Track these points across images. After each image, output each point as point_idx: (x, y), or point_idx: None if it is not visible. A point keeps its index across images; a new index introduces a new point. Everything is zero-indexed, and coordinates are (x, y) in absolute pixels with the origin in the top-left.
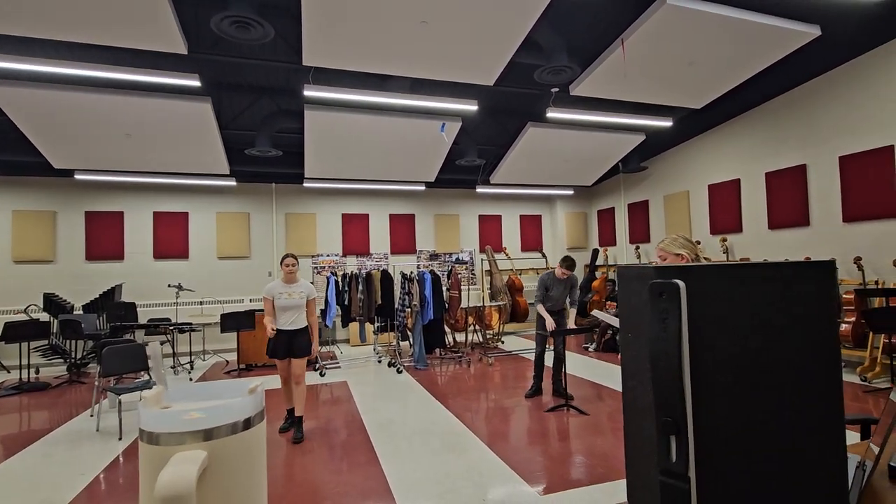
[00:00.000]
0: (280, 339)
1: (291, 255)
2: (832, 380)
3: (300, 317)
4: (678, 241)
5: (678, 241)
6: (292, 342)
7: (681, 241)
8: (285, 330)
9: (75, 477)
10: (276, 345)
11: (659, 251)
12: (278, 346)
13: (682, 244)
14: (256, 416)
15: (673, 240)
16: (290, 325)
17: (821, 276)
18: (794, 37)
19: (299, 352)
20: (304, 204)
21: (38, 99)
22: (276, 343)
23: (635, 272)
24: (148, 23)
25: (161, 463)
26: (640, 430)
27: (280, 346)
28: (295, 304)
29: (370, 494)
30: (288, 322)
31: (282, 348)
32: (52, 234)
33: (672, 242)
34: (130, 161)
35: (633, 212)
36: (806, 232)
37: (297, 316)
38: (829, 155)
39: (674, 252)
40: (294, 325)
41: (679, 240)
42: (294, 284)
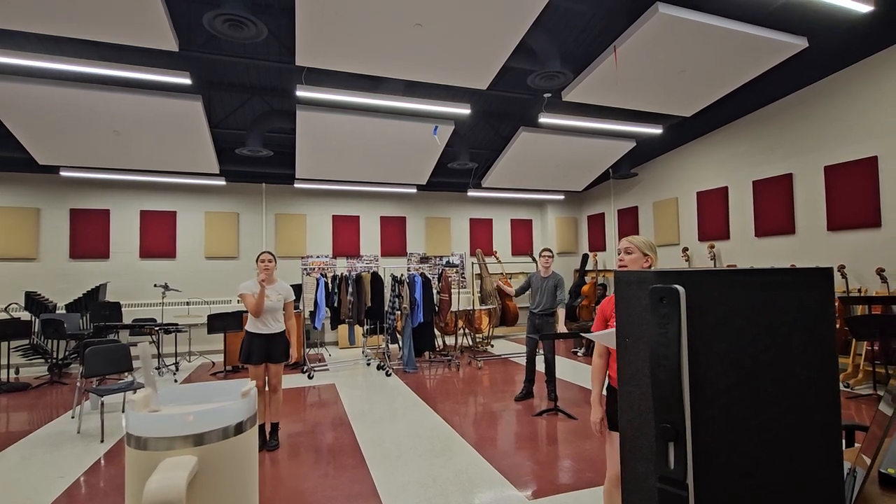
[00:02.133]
0: (256, 342)
1: (269, 251)
2: (830, 387)
3: (277, 319)
4: (649, 243)
5: (649, 243)
6: (269, 346)
7: (649, 245)
8: (261, 334)
9: (54, 480)
10: (250, 349)
11: (627, 242)
12: (253, 349)
13: (652, 247)
14: (249, 420)
15: (646, 241)
16: (266, 329)
17: (820, 283)
18: (782, 48)
19: (277, 357)
20: (294, 205)
21: (24, 93)
22: (252, 347)
23: (634, 277)
24: (139, 18)
25: (149, 469)
26: (636, 436)
27: (256, 349)
28: (272, 305)
29: (357, 498)
30: (264, 325)
31: (258, 352)
32: (36, 232)
33: (644, 243)
34: (118, 158)
35: (623, 218)
36: (791, 240)
37: (274, 319)
38: (815, 164)
39: (643, 251)
40: (270, 329)
41: (649, 242)
42: (272, 285)
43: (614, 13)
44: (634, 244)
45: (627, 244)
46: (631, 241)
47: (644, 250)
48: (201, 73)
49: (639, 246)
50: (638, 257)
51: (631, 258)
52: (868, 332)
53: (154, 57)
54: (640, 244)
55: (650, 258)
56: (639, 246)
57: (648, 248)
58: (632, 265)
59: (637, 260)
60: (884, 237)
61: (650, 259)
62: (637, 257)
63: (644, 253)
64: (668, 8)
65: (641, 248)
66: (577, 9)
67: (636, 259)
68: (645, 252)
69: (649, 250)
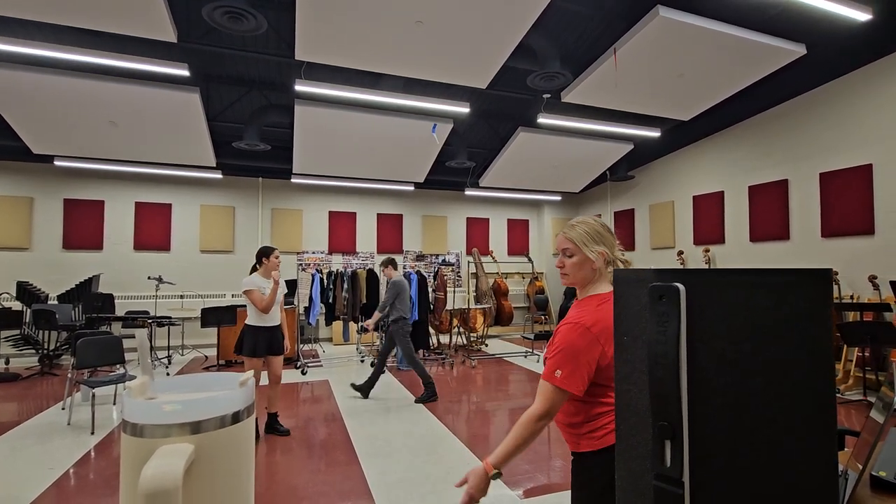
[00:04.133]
0: (262, 336)
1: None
2: (826, 388)
3: (278, 313)
4: (595, 230)
5: (595, 230)
6: (272, 339)
7: (598, 232)
8: (267, 327)
9: (44, 472)
10: (255, 342)
11: (566, 242)
12: (260, 342)
13: (600, 236)
14: (246, 409)
15: (589, 232)
16: (272, 322)
17: (818, 284)
18: (781, 54)
19: (279, 349)
20: (290, 200)
21: (20, 81)
22: (258, 340)
23: (633, 275)
24: (137, 8)
25: (145, 456)
26: (632, 434)
27: (262, 342)
28: (277, 299)
29: (349, 494)
30: (271, 319)
31: (264, 345)
32: (29, 221)
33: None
34: (114, 149)
35: (620, 220)
36: (786, 245)
37: (276, 312)
38: (811, 171)
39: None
40: (273, 322)
41: (596, 228)
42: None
43: (615, 15)
44: (573, 240)
45: (564, 241)
46: (568, 238)
47: (590, 245)
48: (199, 65)
49: (580, 240)
50: (579, 261)
51: (572, 262)
52: (859, 338)
53: (152, 48)
54: (580, 237)
55: (602, 252)
56: (580, 240)
57: (594, 238)
58: (574, 273)
59: (580, 265)
60: (877, 245)
61: (603, 253)
62: (578, 262)
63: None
64: (668, 11)
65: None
66: (577, 10)
67: (578, 264)
68: (592, 249)
69: (596, 242)
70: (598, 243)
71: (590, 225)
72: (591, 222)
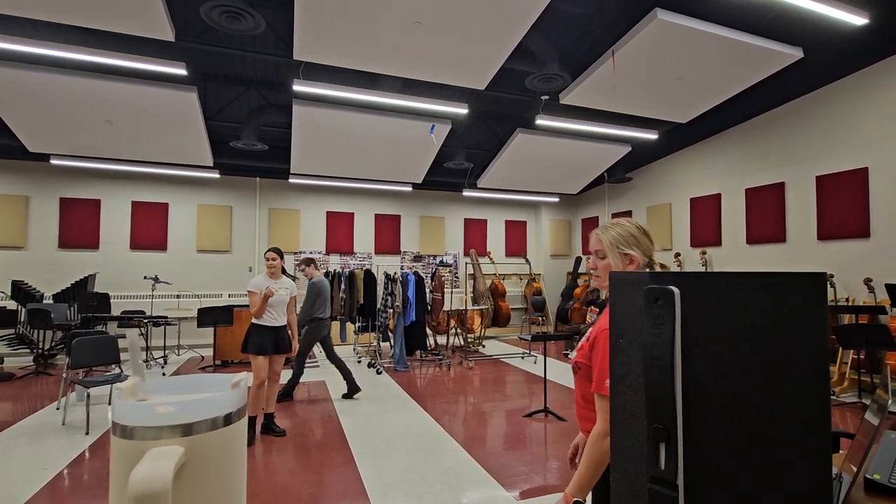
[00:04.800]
0: (266, 335)
1: (274, 248)
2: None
3: (283, 313)
4: (630, 233)
5: (630, 233)
6: (277, 339)
7: (632, 235)
8: (271, 326)
9: (38, 472)
10: (262, 341)
11: (598, 244)
12: (265, 342)
13: (634, 239)
14: (238, 411)
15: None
16: (275, 322)
17: (814, 288)
18: (778, 58)
19: (283, 348)
20: (288, 200)
21: (16, 79)
22: (263, 339)
23: (629, 277)
24: (135, 7)
25: (135, 458)
26: (627, 437)
27: (267, 342)
28: (280, 299)
29: (345, 495)
30: (274, 318)
31: (269, 344)
32: (24, 220)
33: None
34: (110, 148)
35: None
36: (782, 248)
37: (281, 312)
38: (807, 174)
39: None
40: (279, 322)
41: (631, 231)
42: (279, 280)
43: (613, 18)
44: (605, 241)
45: (597, 244)
46: (601, 238)
47: (622, 248)
48: (197, 64)
49: (610, 243)
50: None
51: (603, 264)
52: (854, 340)
53: (150, 46)
54: (611, 240)
55: (633, 256)
56: (610, 243)
57: (626, 242)
58: (605, 275)
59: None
60: (872, 248)
61: (634, 258)
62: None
63: (623, 253)
64: (666, 14)
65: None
66: (576, 12)
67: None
68: (624, 251)
69: (628, 245)
70: (631, 247)
71: (624, 227)
72: (625, 224)
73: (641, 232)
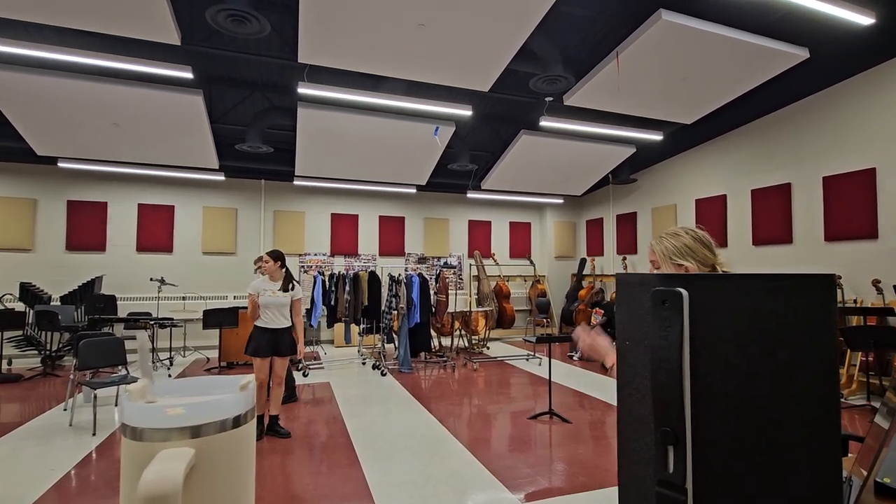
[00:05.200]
0: (264, 337)
1: (274, 251)
2: (831, 393)
3: (285, 315)
4: (685, 243)
5: (685, 243)
6: (277, 341)
7: (686, 246)
8: (270, 328)
9: (45, 473)
10: (259, 342)
11: (652, 255)
12: (262, 343)
13: (688, 250)
14: (247, 413)
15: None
16: (273, 324)
17: (822, 289)
18: (784, 58)
19: (284, 350)
20: (293, 202)
21: (24, 83)
22: (260, 341)
23: (637, 279)
24: (141, 11)
25: (145, 460)
26: (635, 440)
27: (264, 343)
28: (279, 301)
29: (350, 497)
30: (272, 320)
31: (266, 346)
32: (32, 223)
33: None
34: (117, 151)
35: (622, 223)
36: (789, 249)
37: (282, 315)
38: (814, 175)
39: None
40: (278, 324)
41: (686, 241)
42: (276, 281)
43: (617, 19)
44: (658, 252)
45: (651, 255)
46: (655, 248)
47: (675, 259)
48: (203, 67)
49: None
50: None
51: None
52: (863, 342)
53: (156, 50)
54: (664, 251)
55: (687, 267)
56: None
57: (680, 252)
58: None
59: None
60: (880, 249)
61: (688, 269)
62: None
63: (677, 263)
64: (671, 15)
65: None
66: (580, 14)
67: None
68: (677, 262)
69: (682, 255)
70: (685, 257)
71: (678, 238)
72: (681, 235)
73: (698, 241)
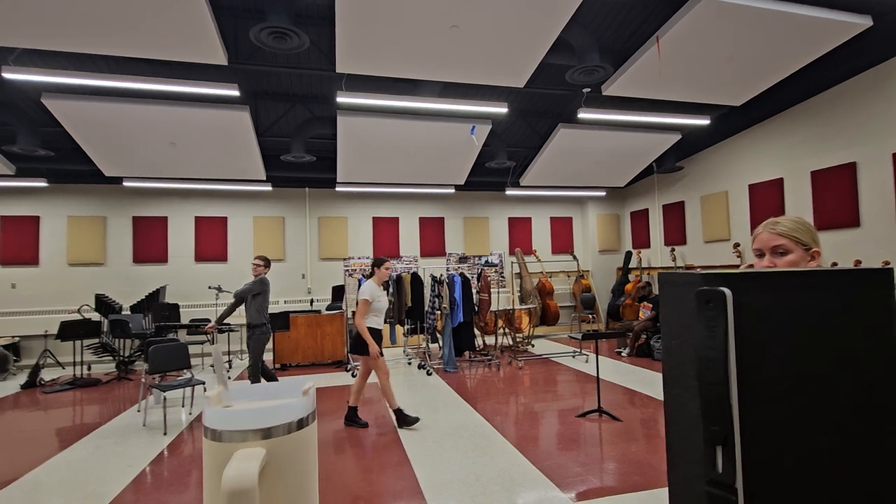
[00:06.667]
0: (379, 337)
1: (377, 259)
2: (893, 392)
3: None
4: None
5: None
6: (353, 340)
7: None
8: (380, 329)
9: (124, 469)
10: (380, 342)
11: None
12: (380, 342)
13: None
14: (309, 416)
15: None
16: (374, 324)
17: (877, 284)
18: (842, 28)
19: (355, 350)
20: (336, 208)
21: (91, 111)
22: (379, 341)
23: (681, 279)
24: (191, 37)
25: (223, 458)
26: (683, 439)
27: (380, 342)
28: (379, 308)
29: (402, 495)
30: (380, 322)
31: (380, 345)
32: (103, 239)
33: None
34: (174, 168)
35: (668, 213)
36: (856, 233)
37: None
38: (882, 152)
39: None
40: (372, 324)
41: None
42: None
43: (656, 2)
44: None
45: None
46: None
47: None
48: (248, 84)
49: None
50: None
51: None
52: None
53: (205, 71)
54: (799, 233)
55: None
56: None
57: (808, 233)
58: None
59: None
60: None
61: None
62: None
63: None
64: None
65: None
66: (615, 1)
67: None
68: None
69: (812, 239)
70: (816, 241)
71: (804, 223)
72: (796, 218)
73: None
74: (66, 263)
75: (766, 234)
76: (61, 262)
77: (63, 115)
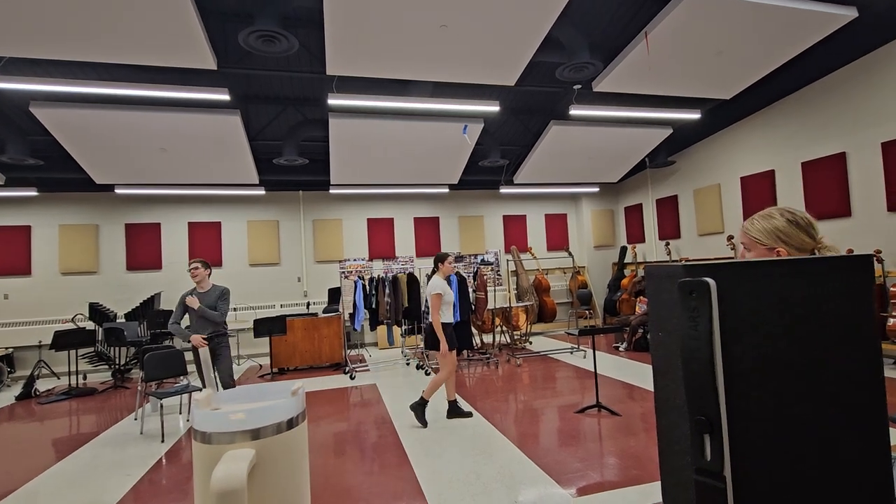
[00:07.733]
0: (451, 332)
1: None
2: (873, 376)
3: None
4: (776, 226)
5: (776, 226)
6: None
7: (780, 229)
8: (451, 323)
9: (122, 478)
10: (453, 336)
11: (743, 237)
12: (454, 337)
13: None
14: (299, 416)
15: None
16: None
17: (857, 271)
18: (829, 20)
19: (427, 345)
20: (330, 210)
21: (80, 118)
22: (453, 335)
23: (665, 271)
24: (181, 41)
25: (213, 460)
26: (672, 429)
27: (454, 338)
28: (450, 301)
29: (402, 495)
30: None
31: (453, 340)
32: (96, 247)
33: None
34: (166, 174)
35: (662, 207)
36: (847, 223)
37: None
38: (870, 142)
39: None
40: (445, 319)
41: (778, 224)
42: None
43: None
44: (750, 234)
45: (744, 238)
46: (747, 230)
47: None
48: (238, 88)
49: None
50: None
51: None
52: None
53: (194, 76)
54: (757, 233)
55: (780, 251)
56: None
57: (771, 236)
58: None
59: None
60: None
61: (780, 252)
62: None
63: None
64: None
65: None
66: None
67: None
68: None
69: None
70: (778, 242)
71: (771, 221)
72: (774, 218)
73: (793, 225)
74: (58, 272)
75: (740, 232)
76: (54, 272)
77: (52, 124)
